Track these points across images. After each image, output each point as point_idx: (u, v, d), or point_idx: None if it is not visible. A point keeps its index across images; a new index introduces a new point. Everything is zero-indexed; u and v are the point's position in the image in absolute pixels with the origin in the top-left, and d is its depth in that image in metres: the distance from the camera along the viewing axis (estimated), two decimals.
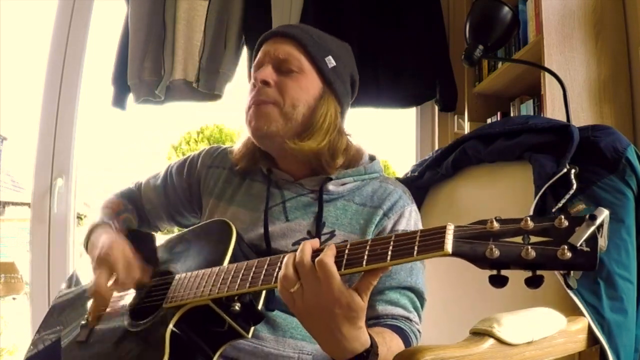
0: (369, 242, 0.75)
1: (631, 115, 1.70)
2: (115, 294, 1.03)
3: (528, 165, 1.11)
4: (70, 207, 2.07)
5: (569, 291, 0.94)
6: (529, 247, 0.63)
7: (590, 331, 0.92)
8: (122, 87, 2.16)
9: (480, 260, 0.65)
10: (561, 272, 0.64)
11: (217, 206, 1.16)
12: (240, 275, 0.84)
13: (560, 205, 1.02)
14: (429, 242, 0.69)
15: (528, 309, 0.87)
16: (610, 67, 1.70)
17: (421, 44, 2.22)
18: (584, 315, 0.93)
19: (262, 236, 1.06)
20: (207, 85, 2.15)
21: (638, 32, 1.69)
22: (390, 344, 0.87)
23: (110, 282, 0.99)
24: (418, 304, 1.03)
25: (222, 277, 0.86)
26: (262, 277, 0.81)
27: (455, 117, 2.31)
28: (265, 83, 1.06)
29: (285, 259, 0.78)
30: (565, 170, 1.02)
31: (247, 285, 0.82)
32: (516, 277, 0.64)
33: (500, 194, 1.22)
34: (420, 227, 1.12)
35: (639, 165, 1.03)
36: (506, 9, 1.45)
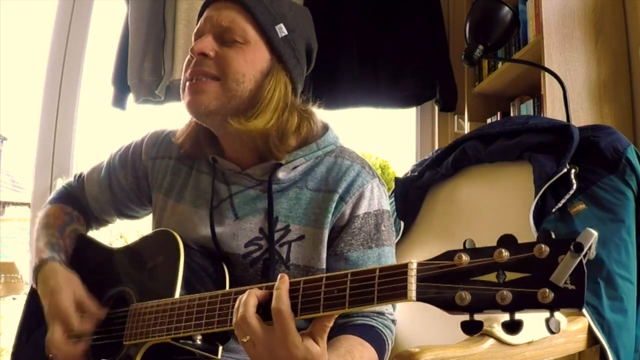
0: (324, 281, 0.68)
1: (631, 115, 1.70)
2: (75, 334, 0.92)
3: (528, 165, 1.11)
4: None
5: None
6: (504, 290, 0.54)
7: (590, 331, 0.92)
8: (122, 87, 2.16)
9: (449, 308, 0.58)
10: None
11: (166, 204, 1.06)
12: (195, 314, 0.79)
13: (560, 205, 1.02)
14: (390, 286, 0.62)
15: None
16: (610, 67, 1.70)
17: (421, 44, 2.22)
18: (584, 315, 0.93)
19: (210, 238, 0.97)
20: None
21: (638, 32, 1.69)
22: None
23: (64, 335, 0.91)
24: None
25: (176, 313, 0.81)
26: (216, 318, 0.77)
27: (455, 117, 2.30)
28: (204, 55, 0.93)
29: (237, 302, 0.72)
30: (565, 170, 1.02)
31: (203, 326, 0.78)
32: None
33: (500, 194, 1.22)
34: (385, 204, 1.01)
35: (639, 165, 1.03)
36: (506, 9, 1.45)
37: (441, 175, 1.35)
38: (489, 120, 2.20)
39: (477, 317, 0.57)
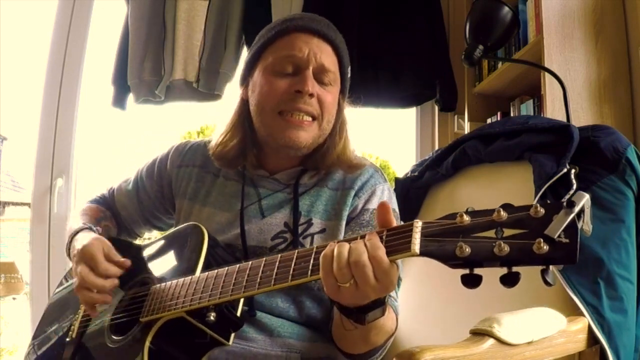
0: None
1: (631, 115, 1.70)
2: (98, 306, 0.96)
3: (528, 165, 1.11)
4: (70, 207, 2.07)
5: (569, 291, 0.94)
6: (502, 241, 0.58)
7: (590, 331, 0.92)
8: (122, 87, 2.16)
9: (450, 259, 0.61)
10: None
11: (192, 208, 1.12)
12: (212, 285, 0.82)
13: None
14: (396, 242, 0.66)
15: (528, 309, 0.87)
16: (610, 67, 1.70)
17: (421, 44, 2.22)
18: (584, 315, 0.93)
19: (238, 235, 1.04)
20: (207, 85, 2.15)
21: (638, 32, 1.69)
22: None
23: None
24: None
25: (194, 287, 0.85)
26: (231, 286, 0.80)
27: (455, 117, 2.30)
28: (311, 95, 1.02)
29: (328, 249, 0.71)
30: (565, 170, 1.02)
31: (218, 296, 0.80)
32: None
33: (500, 194, 1.22)
34: (395, 206, 1.11)
35: (639, 165, 1.02)
36: (506, 9, 1.45)
37: (441, 175, 1.35)
38: (489, 120, 2.20)
39: (477, 271, 0.61)
